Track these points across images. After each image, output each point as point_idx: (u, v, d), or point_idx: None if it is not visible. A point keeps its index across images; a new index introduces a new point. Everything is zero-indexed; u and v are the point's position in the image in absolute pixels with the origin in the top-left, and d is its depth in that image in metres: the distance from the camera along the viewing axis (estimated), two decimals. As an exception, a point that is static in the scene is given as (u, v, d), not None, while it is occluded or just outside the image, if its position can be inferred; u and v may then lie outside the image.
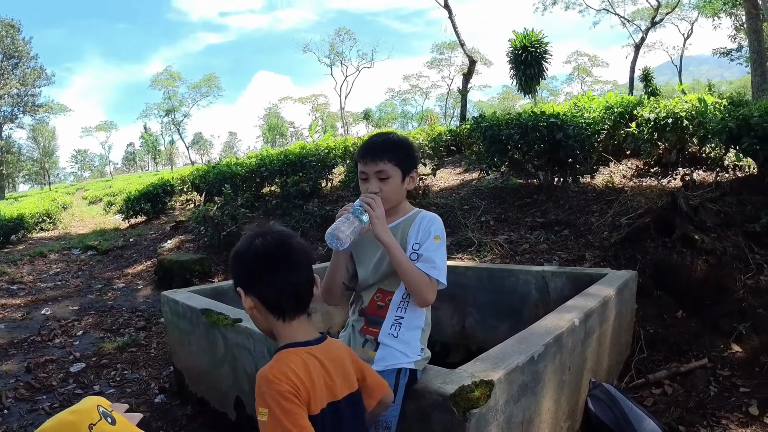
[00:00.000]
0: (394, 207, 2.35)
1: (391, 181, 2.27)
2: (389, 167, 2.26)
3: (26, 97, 64.36)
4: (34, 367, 5.69)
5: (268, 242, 1.74)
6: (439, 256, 2.23)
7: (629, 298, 4.03)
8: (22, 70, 63.79)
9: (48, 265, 12.27)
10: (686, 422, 3.45)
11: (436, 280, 2.19)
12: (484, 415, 2.11)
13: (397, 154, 2.30)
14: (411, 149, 2.38)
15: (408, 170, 2.32)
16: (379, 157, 2.27)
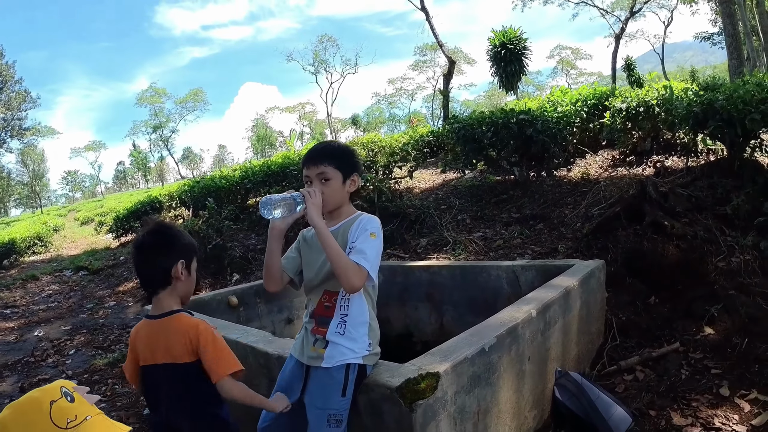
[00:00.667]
0: (337, 210, 2.50)
1: (332, 182, 2.41)
2: (329, 170, 2.41)
3: (13, 121, 64.14)
4: (27, 387, 5.79)
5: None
6: (370, 248, 2.33)
7: (597, 287, 4.11)
8: (7, 94, 63.57)
9: (40, 287, 12.35)
10: (657, 406, 3.50)
11: (365, 269, 2.28)
12: (431, 406, 2.22)
13: (337, 159, 2.45)
14: (351, 155, 2.52)
15: (348, 173, 2.45)
16: (320, 161, 2.42)
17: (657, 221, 5.23)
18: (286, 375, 2.54)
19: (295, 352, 2.54)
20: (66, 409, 1.34)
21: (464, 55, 65.51)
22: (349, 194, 2.50)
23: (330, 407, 2.29)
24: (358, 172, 2.51)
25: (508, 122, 7.27)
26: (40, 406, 1.33)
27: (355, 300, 2.41)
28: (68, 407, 1.34)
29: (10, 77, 64.54)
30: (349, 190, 2.49)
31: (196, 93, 71.90)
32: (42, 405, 1.33)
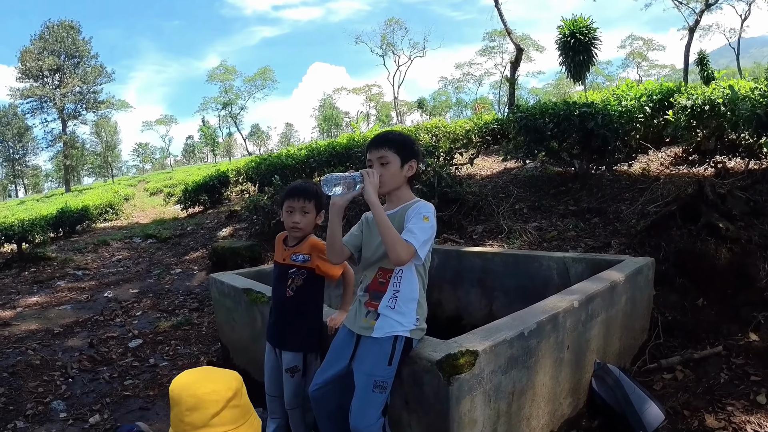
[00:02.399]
0: (396, 195, 2.73)
1: (390, 166, 2.65)
2: (389, 154, 2.65)
3: (88, 94, 66.72)
4: (96, 343, 6.26)
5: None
6: (420, 229, 2.53)
7: (644, 284, 4.18)
8: (83, 68, 66.17)
9: (111, 252, 13.01)
10: (692, 407, 3.55)
11: (412, 246, 2.48)
12: (467, 381, 2.41)
13: (397, 144, 2.68)
14: (411, 143, 2.76)
15: (406, 159, 2.69)
16: (381, 146, 2.68)
17: (712, 223, 5.20)
18: (337, 343, 2.80)
19: (347, 322, 2.81)
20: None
21: (533, 42, 64.34)
22: (406, 179, 2.72)
23: (376, 374, 2.52)
24: (416, 158, 2.73)
25: (570, 114, 7.32)
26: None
27: (407, 278, 2.62)
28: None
29: (87, 52, 67.07)
30: (407, 175, 2.71)
31: (264, 71, 72.98)
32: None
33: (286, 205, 3.25)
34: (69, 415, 4.54)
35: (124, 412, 4.53)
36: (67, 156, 64.51)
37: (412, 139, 2.79)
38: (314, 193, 3.23)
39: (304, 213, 3.20)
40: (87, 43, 67.12)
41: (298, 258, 3.23)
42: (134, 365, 5.58)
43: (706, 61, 26.70)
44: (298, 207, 3.19)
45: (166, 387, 4.95)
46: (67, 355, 5.93)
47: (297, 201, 3.20)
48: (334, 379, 2.72)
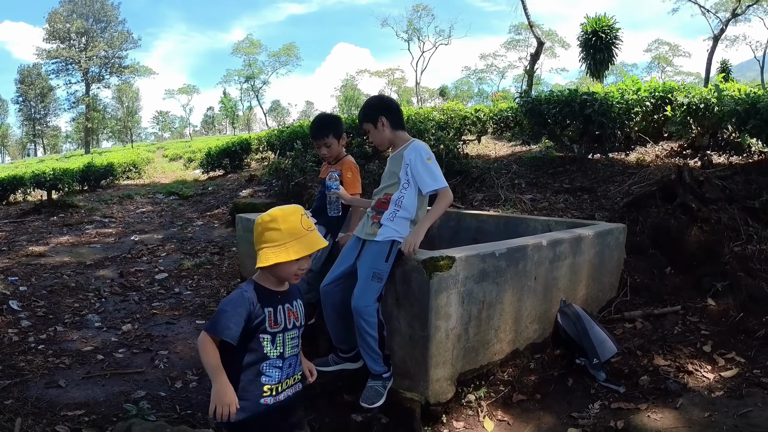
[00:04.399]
0: (394, 143, 3.54)
1: (372, 132, 3.53)
2: (366, 125, 3.54)
3: (113, 59, 67.67)
4: (125, 274, 6.95)
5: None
6: (432, 172, 3.31)
7: (614, 245, 4.77)
8: (110, 33, 67.06)
9: (135, 206, 13.71)
10: (644, 349, 4.10)
11: (442, 187, 3.30)
12: (445, 279, 3.09)
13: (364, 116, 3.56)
14: (371, 109, 3.58)
15: (375, 121, 3.49)
16: (360, 122, 3.59)
17: (686, 203, 5.79)
18: (346, 248, 3.56)
19: (356, 232, 3.56)
20: (307, 221, 2.22)
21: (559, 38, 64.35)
22: (389, 129, 3.50)
23: (375, 267, 3.22)
24: (383, 114, 3.49)
25: (571, 101, 7.92)
26: (297, 212, 2.23)
27: (407, 200, 3.34)
28: (308, 221, 2.23)
29: (114, 17, 67.90)
30: (384, 130, 3.50)
31: (289, 48, 73.37)
32: (298, 212, 2.23)
33: (315, 144, 4.26)
34: (103, 324, 5.25)
35: (152, 325, 5.23)
36: (88, 118, 65.45)
37: (369, 104, 3.65)
38: (329, 126, 4.19)
39: (327, 146, 4.15)
40: (115, 9, 68.07)
41: (334, 174, 3.97)
42: (160, 293, 6.27)
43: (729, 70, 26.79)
44: (321, 144, 4.15)
45: (189, 309, 5.66)
46: (99, 282, 6.64)
47: (319, 140, 4.16)
48: (342, 276, 3.43)
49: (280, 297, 2.28)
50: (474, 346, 3.44)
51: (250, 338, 2.19)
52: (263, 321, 2.20)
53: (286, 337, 2.27)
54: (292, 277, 2.24)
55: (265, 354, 2.22)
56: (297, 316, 2.32)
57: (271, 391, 2.24)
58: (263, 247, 2.17)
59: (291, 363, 2.31)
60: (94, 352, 4.57)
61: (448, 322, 3.18)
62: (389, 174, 3.47)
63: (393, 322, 3.36)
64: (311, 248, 2.19)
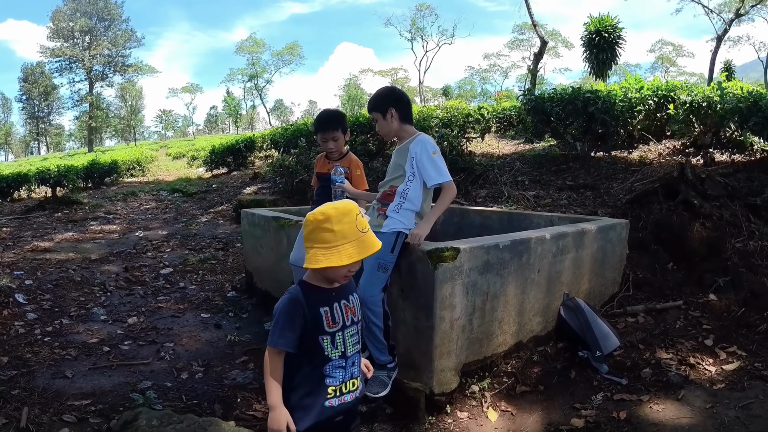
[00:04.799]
0: (400, 135, 3.58)
1: (378, 122, 3.58)
2: (374, 114, 3.58)
3: (117, 57, 67.77)
4: (130, 269, 6.99)
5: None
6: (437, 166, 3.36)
7: (617, 240, 4.78)
8: (114, 32, 67.18)
9: (139, 203, 13.76)
10: (646, 343, 4.15)
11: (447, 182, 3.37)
12: (449, 270, 3.13)
13: (374, 104, 3.59)
14: (382, 99, 3.60)
15: (384, 111, 3.52)
16: (369, 110, 3.64)
17: (688, 200, 5.83)
18: None
19: None
20: (362, 222, 2.07)
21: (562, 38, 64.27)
22: (398, 121, 3.53)
23: (381, 258, 3.23)
24: (394, 106, 3.52)
25: (574, 99, 7.95)
26: (352, 213, 2.05)
27: (413, 193, 3.39)
28: (362, 221, 2.07)
29: (118, 16, 67.97)
30: (393, 121, 3.53)
31: (292, 47, 73.34)
32: (353, 212, 2.06)
33: (319, 136, 4.24)
34: (109, 317, 5.29)
35: (157, 318, 5.26)
36: (91, 117, 65.55)
37: (381, 93, 3.66)
38: (337, 121, 4.24)
39: (334, 140, 4.16)
40: (119, 7, 68.14)
41: (339, 168, 4.01)
42: (165, 287, 6.32)
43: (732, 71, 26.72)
44: (329, 137, 4.15)
45: (194, 303, 5.69)
46: (104, 276, 6.69)
47: (327, 133, 4.16)
48: None
49: (334, 294, 2.18)
50: (478, 338, 3.47)
51: (309, 341, 2.12)
52: (320, 322, 2.13)
53: (345, 335, 2.19)
54: (341, 278, 2.14)
55: (326, 356, 2.15)
56: (354, 311, 2.24)
57: (335, 392, 2.17)
58: (313, 247, 2.04)
59: (354, 361, 2.24)
60: (100, 344, 4.60)
61: (453, 313, 3.21)
62: (395, 166, 3.51)
63: (398, 313, 3.40)
64: (365, 252, 2.05)
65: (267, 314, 5.07)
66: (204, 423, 2.84)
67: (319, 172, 4.30)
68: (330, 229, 2.01)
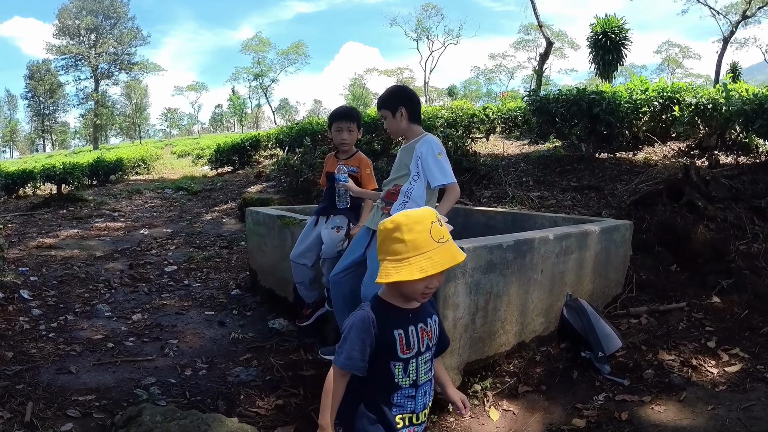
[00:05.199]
0: (407, 135, 3.55)
1: (387, 120, 3.52)
2: (383, 112, 3.52)
3: (122, 55, 67.92)
4: (135, 266, 7.01)
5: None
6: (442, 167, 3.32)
7: (620, 241, 4.80)
8: (120, 29, 67.33)
9: (144, 200, 13.78)
10: (649, 344, 4.16)
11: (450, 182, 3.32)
12: (453, 269, 3.07)
13: (384, 102, 3.53)
14: (392, 96, 3.55)
15: (394, 109, 3.46)
16: (378, 107, 3.60)
17: (693, 202, 5.83)
18: (357, 238, 3.61)
19: (367, 223, 3.60)
20: (439, 230, 1.80)
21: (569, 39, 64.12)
22: (407, 120, 3.48)
23: None
24: (404, 104, 3.47)
25: (579, 100, 7.95)
26: (427, 220, 1.80)
27: (417, 193, 3.36)
28: (440, 229, 1.81)
29: (124, 14, 68.12)
30: (402, 120, 3.48)
31: (298, 46, 73.28)
32: (428, 219, 1.81)
33: (334, 126, 4.19)
34: (113, 314, 5.30)
35: (161, 315, 5.28)
36: (97, 115, 65.76)
37: (391, 92, 3.61)
38: (356, 116, 4.25)
39: (349, 131, 4.15)
40: (125, 5, 68.33)
41: (349, 169, 4.04)
42: (170, 284, 6.34)
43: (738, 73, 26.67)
44: (345, 127, 4.14)
45: (199, 301, 5.71)
46: (109, 273, 6.71)
47: (344, 122, 4.14)
48: (351, 266, 3.48)
49: (411, 316, 1.96)
50: (480, 337, 3.48)
51: (378, 366, 1.92)
52: (393, 346, 1.91)
53: (419, 362, 1.96)
54: (418, 296, 1.88)
55: (396, 383, 1.94)
56: (431, 336, 2.00)
57: (404, 422, 1.97)
58: (385, 259, 1.82)
59: (426, 390, 2.01)
60: (105, 340, 4.61)
61: (456, 312, 3.22)
62: (400, 165, 3.50)
63: (400, 311, 3.40)
64: (442, 265, 1.78)
65: (270, 312, 5.11)
66: (207, 419, 2.86)
67: (329, 171, 4.29)
68: (401, 239, 1.78)
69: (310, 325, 4.39)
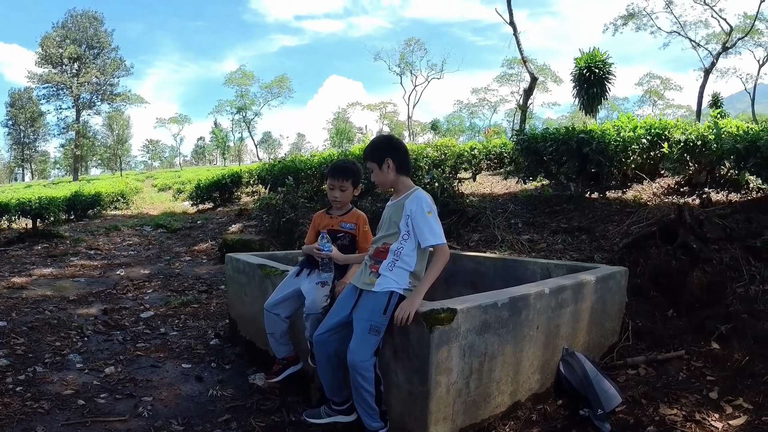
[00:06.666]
0: (395, 187, 3.41)
1: (375, 172, 3.40)
2: (370, 164, 3.41)
3: (105, 86, 67.94)
4: (109, 311, 6.74)
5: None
6: (431, 227, 3.18)
7: (616, 289, 4.63)
8: (103, 60, 67.43)
9: (122, 238, 13.51)
10: (649, 397, 3.97)
11: (440, 244, 3.18)
12: (446, 332, 2.93)
13: (369, 154, 3.44)
14: (378, 148, 3.44)
15: (380, 161, 3.36)
16: (364, 159, 3.47)
17: (687, 244, 5.66)
18: (342, 297, 3.42)
19: (354, 281, 3.41)
20: None
21: (552, 73, 64.98)
22: (394, 173, 3.35)
23: (373, 320, 3.09)
24: (390, 156, 3.35)
25: (568, 140, 7.84)
26: None
27: (406, 254, 3.22)
28: None
29: (108, 44, 68.28)
30: (389, 172, 3.35)
31: (281, 79, 73.69)
32: None
33: (328, 182, 4.03)
34: (85, 366, 5.01)
35: (136, 367, 5.00)
36: (77, 145, 65.44)
37: (378, 145, 3.49)
38: (352, 173, 3.98)
39: (341, 190, 3.95)
40: (109, 35, 68.52)
41: (346, 225, 3.97)
42: (146, 332, 6.06)
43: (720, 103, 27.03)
44: (337, 185, 3.95)
45: (176, 351, 5.45)
46: (82, 319, 6.43)
47: (336, 180, 3.95)
48: (337, 326, 3.28)
49: None
50: (475, 400, 3.27)
51: None
52: None
53: None
54: None
55: None
56: None
57: None
58: None
59: None
60: (75, 396, 4.34)
61: (449, 377, 3.01)
62: (389, 223, 3.35)
63: (391, 376, 3.20)
64: None
65: (251, 366, 4.86)
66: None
67: (319, 229, 4.11)
68: None
69: (280, 382, 4.17)
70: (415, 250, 3.22)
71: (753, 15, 38.02)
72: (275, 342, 4.09)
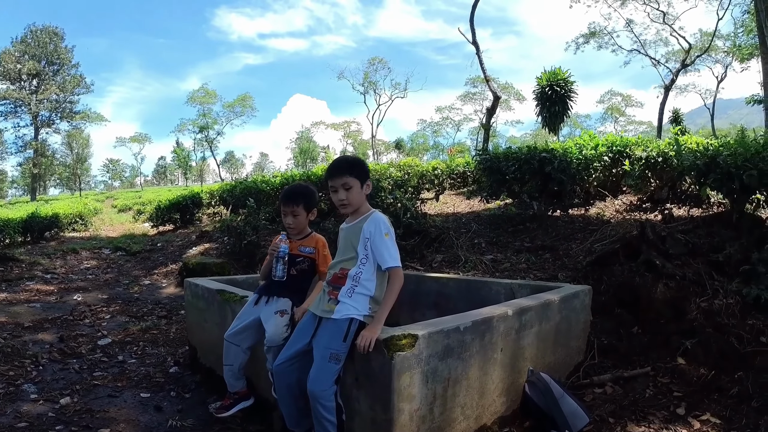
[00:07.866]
0: (358, 210, 3.31)
1: (353, 190, 3.24)
2: (350, 179, 3.23)
3: (64, 103, 66.58)
4: (66, 338, 6.52)
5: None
6: (388, 249, 3.15)
7: (580, 308, 4.62)
8: (63, 76, 66.15)
9: (80, 260, 13.19)
10: (617, 415, 3.95)
11: (396, 267, 3.13)
12: (408, 359, 2.87)
13: (356, 169, 3.28)
14: (364, 165, 3.36)
15: (363, 180, 3.25)
16: (343, 173, 3.26)
17: (650, 260, 5.69)
18: (302, 325, 3.33)
19: (312, 308, 3.33)
20: None
21: (515, 91, 65.71)
22: (365, 196, 3.30)
23: (333, 347, 3.00)
24: (369, 179, 3.33)
25: (530, 159, 7.88)
26: None
27: (365, 278, 3.16)
28: None
29: (68, 61, 67.11)
30: (366, 193, 3.30)
31: (244, 98, 73.12)
32: None
33: (281, 209, 3.94)
34: (40, 396, 4.80)
35: (93, 398, 4.81)
36: (36, 164, 64.00)
37: (363, 162, 3.42)
38: (303, 197, 3.91)
39: (294, 216, 3.88)
40: (69, 52, 67.27)
41: (305, 250, 3.90)
42: (103, 360, 5.86)
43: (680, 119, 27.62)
44: (289, 211, 3.88)
45: (134, 380, 5.26)
46: (37, 347, 6.19)
47: (287, 206, 3.88)
48: (296, 355, 3.19)
49: None
50: (440, 426, 3.19)
51: None
52: None
53: None
54: None
55: None
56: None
57: None
58: None
59: None
60: (29, 428, 4.15)
61: (412, 404, 2.93)
62: (346, 246, 3.28)
63: (353, 403, 3.11)
64: None
65: (211, 394, 4.70)
66: None
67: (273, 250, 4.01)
68: None
69: (230, 417, 4.05)
70: (374, 274, 3.16)
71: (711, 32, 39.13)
72: (232, 375, 3.98)
